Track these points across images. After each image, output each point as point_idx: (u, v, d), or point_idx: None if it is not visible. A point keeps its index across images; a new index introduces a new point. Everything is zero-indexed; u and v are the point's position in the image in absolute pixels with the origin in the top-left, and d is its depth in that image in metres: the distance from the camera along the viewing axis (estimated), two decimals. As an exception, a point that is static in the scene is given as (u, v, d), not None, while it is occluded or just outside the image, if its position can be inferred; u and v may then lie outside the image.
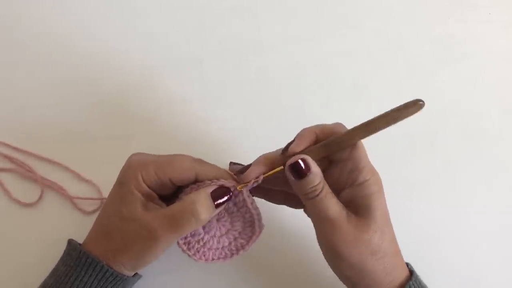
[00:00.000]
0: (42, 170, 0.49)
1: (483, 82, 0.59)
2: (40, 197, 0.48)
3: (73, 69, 0.54)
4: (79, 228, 0.42)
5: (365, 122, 0.36)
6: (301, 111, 0.55)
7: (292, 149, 0.37)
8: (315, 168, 0.36)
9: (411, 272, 0.40)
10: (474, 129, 0.56)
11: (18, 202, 0.48)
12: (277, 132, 0.53)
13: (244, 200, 0.39)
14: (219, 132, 0.53)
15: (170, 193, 0.40)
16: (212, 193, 0.37)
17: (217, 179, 0.38)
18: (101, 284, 0.38)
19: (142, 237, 0.37)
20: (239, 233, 0.41)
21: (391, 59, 0.58)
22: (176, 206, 0.37)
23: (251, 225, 0.40)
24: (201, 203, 0.37)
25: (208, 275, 0.47)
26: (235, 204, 0.40)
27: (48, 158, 0.49)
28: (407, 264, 0.41)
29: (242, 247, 0.40)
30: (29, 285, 0.41)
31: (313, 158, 0.36)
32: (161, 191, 0.39)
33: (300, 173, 0.36)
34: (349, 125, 0.52)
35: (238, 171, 0.39)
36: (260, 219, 0.40)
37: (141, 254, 0.37)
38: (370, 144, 0.53)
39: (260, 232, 0.40)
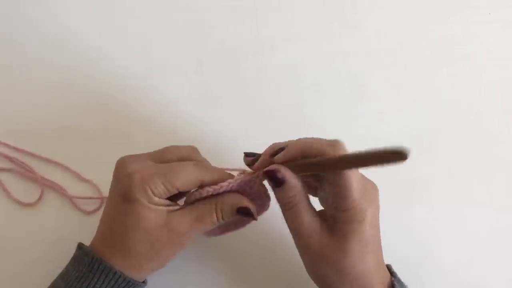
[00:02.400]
0: (42, 170, 0.49)
1: (483, 82, 0.59)
2: (40, 197, 0.48)
3: (72, 69, 0.54)
4: (80, 228, 0.42)
5: (352, 154, 0.33)
6: (301, 111, 0.55)
7: (277, 158, 0.38)
8: (292, 180, 0.36)
9: (393, 286, 0.39)
10: (474, 129, 0.56)
11: (18, 202, 0.48)
12: (277, 132, 0.53)
13: (258, 189, 0.40)
14: (219, 132, 0.53)
15: (176, 196, 0.41)
16: (239, 208, 0.38)
17: (227, 180, 0.39)
18: None
19: (172, 240, 0.38)
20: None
21: (391, 59, 0.58)
22: (203, 204, 0.39)
23: (260, 197, 0.41)
24: (226, 211, 0.39)
25: (208, 275, 0.47)
26: (250, 188, 0.40)
27: (47, 158, 0.49)
28: (390, 268, 0.40)
29: (232, 228, 0.43)
30: (30, 285, 0.41)
31: (295, 172, 0.37)
32: (168, 196, 0.39)
33: (276, 182, 0.37)
34: (349, 125, 0.53)
35: (250, 161, 0.40)
36: (267, 194, 0.41)
37: (172, 254, 0.39)
38: (370, 144, 0.54)
39: (268, 205, 0.41)
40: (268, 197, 0.41)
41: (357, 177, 0.36)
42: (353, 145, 0.53)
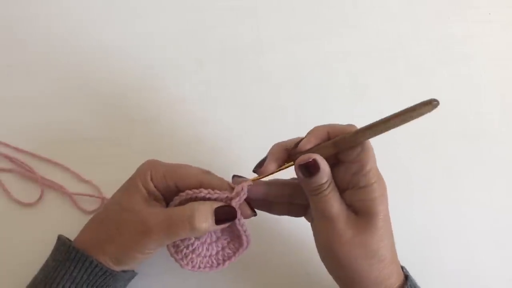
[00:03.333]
0: (42, 170, 0.49)
1: (483, 82, 0.59)
2: (40, 197, 0.48)
3: (72, 69, 0.54)
4: (80, 228, 0.42)
5: (375, 121, 0.35)
6: (301, 111, 0.55)
7: (303, 145, 0.37)
8: (324, 167, 0.36)
9: (406, 277, 0.39)
10: (474, 129, 0.56)
11: (18, 202, 0.48)
12: (277, 132, 0.53)
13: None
14: (219, 132, 0.53)
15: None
16: (217, 209, 0.37)
17: (211, 189, 0.38)
18: (90, 279, 0.38)
19: (135, 229, 0.37)
20: (228, 242, 0.41)
21: (391, 59, 0.58)
22: (176, 209, 0.38)
23: (239, 237, 0.40)
24: (201, 213, 0.37)
25: (207, 275, 0.47)
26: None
27: (48, 158, 0.49)
28: (402, 268, 0.40)
29: (229, 257, 0.40)
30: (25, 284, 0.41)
31: (322, 156, 0.36)
32: (167, 196, 0.40)
33: (309, 172, 0.36)
34: (349, 125, 0.52)
35: (256, 165, 0.40)
36: (247, 234, 0.40)
37: (129, 246, 0.38)
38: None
39: (247, 246, 0.40)
40: (245, 230, 0.40)
41: (374, 155, 0.37)
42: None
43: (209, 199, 0.38)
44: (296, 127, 0.53)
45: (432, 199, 0.53)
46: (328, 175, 0.36)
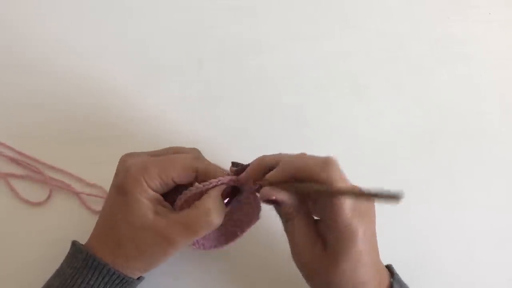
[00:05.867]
0: (42, 171, 0.49)
1: (483, 82, 0.59)
2: (49, 197, 0.48)
3: (72, 69, 0.54)
4: (87, 227, 0.42)
5: (339, 189, 0.34)
6: (300, 111, 0.55)
7: (270, 177, 0.37)
8: (287, 201, 0.36)
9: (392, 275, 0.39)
10: (474, 129, 0.56)
11: (26, 201, 0.48)
12: (277, 132, 0.53)
13: (247, 196, 0.40)
14: (219, 132, 0.53)
15: (172, 191, 0.40)
16: (223, 193, 0.38)
17: (218, 177, 0.39)
18: (108, 287, 0.38)
19: (158, 244, 0.37)
20: (234, 221, 0.42)
21: (391, 59, 0.58)
22: (191, 212, 0.38)
23: (248, 215, 0.41)
24: (215, 207, 0.37)
25: (207, 276, 0.47)
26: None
27: (51, 164, 0.49)
28: (389, 268, 0.40)
29: (237, 235, 0.42)
30: (35, 284, 0.41)
31: (290, 191, 0.37)
32: (163, 190, 0.39)
33: (273, 203, 0.37)
34: (349, 126, 0.53)
35: (234, 172, 0.40)
36: (258, 211, 0.41)
37: (156, 259, 0.38)
38: (370, 144, 0.54)
39: (254, 223, 0.42)
40: (258, 208, 0.41)
41: (349, 205, 0.34)
42: (353, 145, 0.53)
43: (214, 187, 0.39)
44: (296, 127, 0.54)
45: (432, 198, 0.53)
46: (291, 206, 0.37)
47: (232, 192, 0.39)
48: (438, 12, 0.61)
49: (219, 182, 0.38)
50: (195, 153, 0.43)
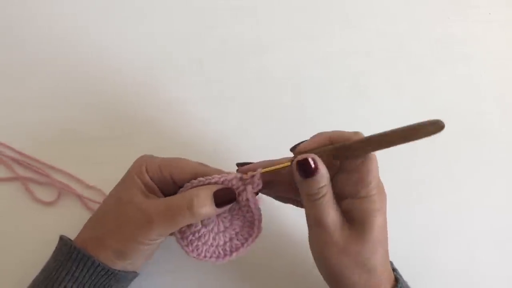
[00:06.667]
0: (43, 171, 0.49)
1: (483, 82, 0.59)
2: (58, 197, 0.48)
3: (72, 69, 0.54)
4: None
5: (381, 133, 0.35)
6: (301, 111, 0.55)
7: (303, 146, 0.37)
8: (323, 170, 0.35)
9: (397, 280, 0.39)
10: (474, 129, 0.56)
11: (40, 201, 0.48)
12: (277, 132, 0.53)
13: (247, 199, 0.39)
14: (219, 132, 0.53)
15: (171, 192, 0.40)
16: (216, 192, 0.37)
17: (222, 174, 0.39)
18: (93, 279, 0.38)
19: (135, 220, 0.37)
20: (236, 233, 0.40)
21: (391, 59, 0.58)
22: (175, 197, 0.38)
23: (250, 226, 0.40)
24: (200, 198, 0.37)
25: (208, 276, 0.47)
26: (237, 202, 0.39)
27: (50, 165, 0.49)
28: (394, 271, 0.40)
29: (237, 249, 0.40)
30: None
31: (322, 160, 0.36)
32: (162, 188, 0.40)
33: (307, 172, 0.35)
34: (349, 126, 0.53)
35: (239, 168, 0.40)
36: (260, 221, 0.39)
37: (130, 237, 0.37)
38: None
39: (257, 235, 0.40)
40: (259, 215, 0.40)
41: (377, 166, 0.36)
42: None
43: (215, 183, 0.38)
44: (296, 127, 0.54)
45: (432, 198, 0.53)
46: (327, 179, 0.36)
47: (227, 197, 0.38)
48: (438, 12, 0.61)
49: (221, 178, 0.38)
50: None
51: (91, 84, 0.53)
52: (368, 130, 0.54)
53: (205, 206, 0.37)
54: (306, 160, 0.35)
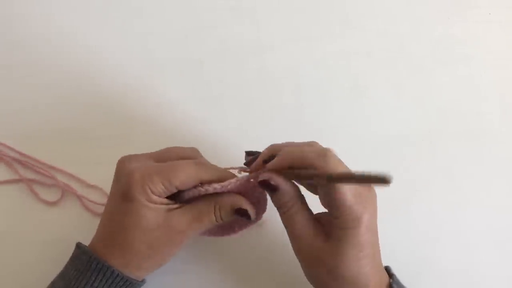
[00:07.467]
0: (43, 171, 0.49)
1: (483, 82, 0.59)
2: (61, 197, 0.48)
3: (72, 69, 0.54)
4: (87, 228, 0.42)
5: (333, 174, 0.34)
6: (301, 111, 0.55)
7: (270, 165, 0.38)
8: (285, 187, 0.37)
9: (390, 285, 0.39)
10: (474, 129, 0.56)
11: (44, 202, 0.48)
12: (277, 132, 0.53)
13: (257, 191, 0.40)
14: (219, 132, 0.53)
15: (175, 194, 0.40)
16: (237, 210, 0.39)
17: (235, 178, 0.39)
18: None
19: (172, 239, 0.38)
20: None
21: (392, 59, 0.58)
22: (201, 203, 0.39)
23: (256, 204, 0.41)
24: (224, 210, 0.39)
25: (208, 276, 0.47)
26: (250, 189, 0.40)
27: (50, 165, 0.49)
28: (388, 270, 0.40)
29: (233, 230, 0.42)
30: (37, 284, 0.41)
31: (289, 178, 0.37)
32: (166, 195, 0.39)
33: (270, 188, 0.37)
34: (349, 126, 0.53)
35: (246, 163, 0.41)
36: (264, 210, 0.41)
37: (169, 253, 0.39)
38: (370, 144, 0.54)
39: (256, 221, 0.41)
40: (265, 200, 0.41)
41: (349, 186, 0.35)
42: (353, 145, 0.53)
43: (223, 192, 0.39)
44: (296, 127, 0.54)
45: (432, 198, 0.53)
46: (290, 195, 0.37)
47: (245, 215, 0.39)
48: (438, 13, 0.61)
49: (229, 185, 0.39)
50: (195, 153, 0.43)
51: (90, 84, 0.53)
52: (368, 130, 0.55)
53: (226, 217, 0.39)
54: (265, 180, 0.37)
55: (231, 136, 0.53)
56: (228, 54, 0.56)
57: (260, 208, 0.42)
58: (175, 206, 0.39)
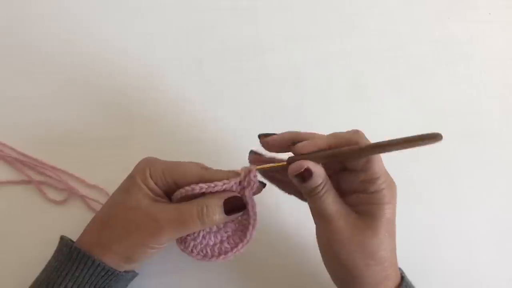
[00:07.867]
0: (42, 171, 0.49)
1: (483, 82, 0.59)
2: (68, 197, 0.48)
3: (72, 69, 0.54)
4: None
5: (379, 143, 0.36)
6: (301, 111, 0.55)
7: (299, 148, 0.37)
8: (318, 170, 0.36)
9: (402, 278, 0.39)
10: (474, 129, 0.56)
11: (52, 201, 0.48)
12: (277, 132, 0.53)
13: (246, 202, 0.39)
14: (219, 132, 0.53)
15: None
16: (226, 200, 0.38)
17: (223, 180, 0.38)
18: (93, 279, 0.38)
19: (146, 225, 0.37)
20: (228, 236, 0.40)
21: (391, 59, 0.58)
22: (185, 205, 0.38)
23: (243, 230, 0.40)
24: (210, 208, 0.38)
25: (207, 276, 0.47)
26: (235, 186, 0.39)
27: (51, 165, 0.49)
28: (399, 268, 0.40)
29: (225, 252, 0.39)
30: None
31: (318, 162, 0.37)
32: (166, 191, 0.40)
33: (302, 178, 0.36)
34: (349, 126, 0.53)
35: (263, 134, 0.42)
36: (254, 227, 0.39)
37: (141, 242, 0.38)
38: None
39: (248, 241, 0.39)
40: (254, 220, 0.39)
41: (382, 162, 0.37)
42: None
43: (216, 192, 0.38)
44: (296, 127, 0.54)
45: (432, 198, 0.53)
46: (322, 178, 0.37)
47: (237, 206, 0.39)
48: (438, 13, 0.61)
49: (223, 186, 0.38)
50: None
51: (91, 85, 0.53)
52: (368, 130, 0.55)
53: (215, 215, 0.38)
54: (300, 171, 0.36)
55: (231, 136, 0.53)
56: (228, 54, 0.56)
57: (247, 234, 0.40)
58: (164, 200, 0.39)
